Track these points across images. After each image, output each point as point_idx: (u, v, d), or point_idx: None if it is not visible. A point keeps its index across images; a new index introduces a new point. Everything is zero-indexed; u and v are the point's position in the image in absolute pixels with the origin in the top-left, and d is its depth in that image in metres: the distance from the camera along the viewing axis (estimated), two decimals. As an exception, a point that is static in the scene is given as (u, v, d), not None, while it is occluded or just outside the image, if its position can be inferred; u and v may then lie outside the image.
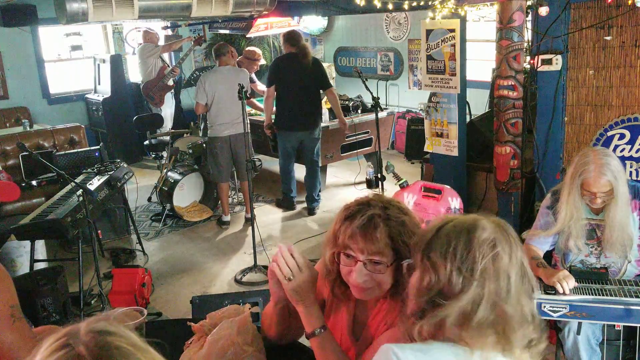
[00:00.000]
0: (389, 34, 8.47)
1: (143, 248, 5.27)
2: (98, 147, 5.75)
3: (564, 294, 2.58)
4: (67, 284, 3.99)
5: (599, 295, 2.56)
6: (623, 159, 3.83)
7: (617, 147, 3.96)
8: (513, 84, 3.99)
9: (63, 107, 8.25)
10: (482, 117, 5.44)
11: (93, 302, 4.23)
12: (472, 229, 1.21)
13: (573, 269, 2.74)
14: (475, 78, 6.70)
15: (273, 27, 7.55)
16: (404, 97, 8.42)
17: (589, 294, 2.57)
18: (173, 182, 5.76)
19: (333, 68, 9.02)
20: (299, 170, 6.17)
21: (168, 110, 7.93)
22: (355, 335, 1.68)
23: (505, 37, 3.93)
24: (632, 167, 3.92)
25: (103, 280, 4.36)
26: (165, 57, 8.06)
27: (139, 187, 6.18)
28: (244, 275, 4.71)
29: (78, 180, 4.37)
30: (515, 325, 1.17)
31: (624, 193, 2.62)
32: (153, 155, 7.15)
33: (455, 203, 4.33)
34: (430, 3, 4.22)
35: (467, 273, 1.16)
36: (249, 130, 5.09)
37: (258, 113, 6.81)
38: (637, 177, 3.91)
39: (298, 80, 5.64)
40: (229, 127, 5.57)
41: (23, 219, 4.11)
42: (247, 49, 7.14)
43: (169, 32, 8.45)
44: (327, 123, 6.25)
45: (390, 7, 4.12)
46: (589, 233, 2.79)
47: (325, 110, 6.29)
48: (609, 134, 3.99)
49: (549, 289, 2.61)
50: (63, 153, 5.58)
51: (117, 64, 8.13)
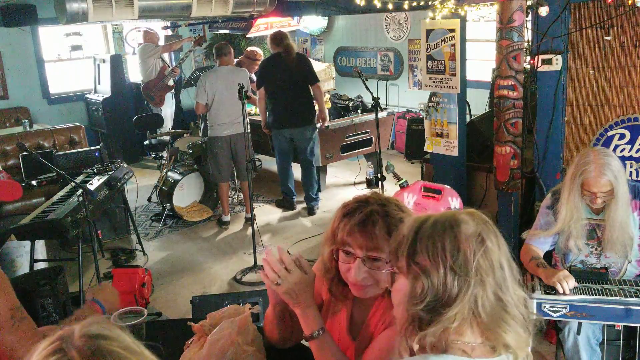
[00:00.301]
0: (389, 34, 8.47)
1: (143, 248, 5.27)
2: (98, 147, 5.75)
3: (564, 294, 2.58)
4: (67, 284, 3.97)
5: (599, 296, 2.56)
6: (623, 159, 3.83)
7: (617, 147, 3.95)
8: (513, 84, 3.98)
9: (63, 107, 8.25)
10: (482, 117, 5.43)
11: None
12: (454, 225, 1.15)
13: (573, 269, 2.74)
14: (475, 78, 6.70)
15: (273, 27, 7.57)
16: (404, 97, 8.42)
17: (589, 294, 2.57)
18: (173, 182, 5.76)
19: (333, 68, 9.02)
20: (299, 170, 6.17)
21: (168, 110, 7.92)
22: (353, 335, 1.67)
23: (505, 37, 3.93)
24: (632, 167, 3.92)
25: (103, 280, 4.36)
26: (166, 57, 8.05)
27: (139, 187, 6.18)
28: (244, 275, 4.71)
29: (78, 181, 4.37)
30: (515, 313, 1.14)
31: (625, 193, 2.62)
32: (153, 155, 7.15)
33: (455, 203, 4.32)
34: (430, 3, 4.22)
35: (461, 272, 1.10)
36: (249, 130, 5.08)
37: (259, 113, 6.81)
38: (637, 177, 3.90)
39: (284, 79, 5.64)
40: (229, 127, 5.57)
41: (23, 219, 4.10)
42: (248, 49, 7.16)
43: (169, 32, 8.45)
44: (327, 123, 6.24)
45: (390, 7, 4.12)
46: (589, 233, 2.79)
47: (326, 110, 6.28)
48: (609, 134, 3.99)
49: (549, 289, 2.61)
50: (63, 153, 5.59)
51: (117, 64, 8.13)
